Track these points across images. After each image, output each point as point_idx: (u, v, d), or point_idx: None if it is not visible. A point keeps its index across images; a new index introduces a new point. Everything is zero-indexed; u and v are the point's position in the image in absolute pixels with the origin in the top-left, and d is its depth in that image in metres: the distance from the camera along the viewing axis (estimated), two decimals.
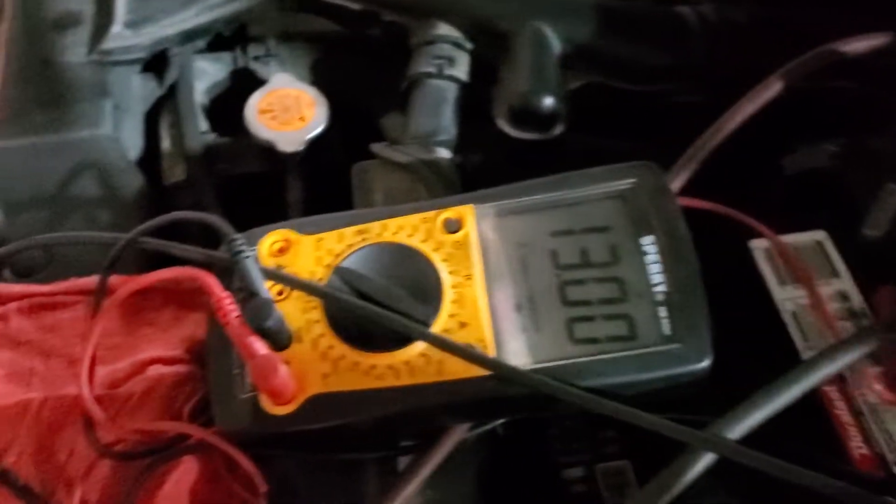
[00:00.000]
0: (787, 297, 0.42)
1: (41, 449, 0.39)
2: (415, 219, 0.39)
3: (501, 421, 0.39)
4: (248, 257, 0.36)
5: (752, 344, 0.41)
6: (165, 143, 0.58)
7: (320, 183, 0.57)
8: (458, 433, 0.38)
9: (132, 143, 0.57)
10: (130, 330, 0.44)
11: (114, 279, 0.42)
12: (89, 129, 0.54)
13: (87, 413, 0.37)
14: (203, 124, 0.60)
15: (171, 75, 0.60)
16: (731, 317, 0.37)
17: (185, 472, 0.39)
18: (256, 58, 0.63)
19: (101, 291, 0.41)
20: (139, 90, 0.59)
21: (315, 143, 0.55)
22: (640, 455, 0.44)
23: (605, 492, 0.43)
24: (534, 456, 0.44)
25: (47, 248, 0.47)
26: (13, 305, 0.44)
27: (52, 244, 0.46)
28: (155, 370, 0.41)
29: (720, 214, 0.42)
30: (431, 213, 0.39)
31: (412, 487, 0.36)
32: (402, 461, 0.38)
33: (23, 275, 0.47)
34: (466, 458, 0.40)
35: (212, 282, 0.35)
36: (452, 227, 0.38)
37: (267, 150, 0.55)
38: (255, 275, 0.35)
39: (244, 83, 0.62)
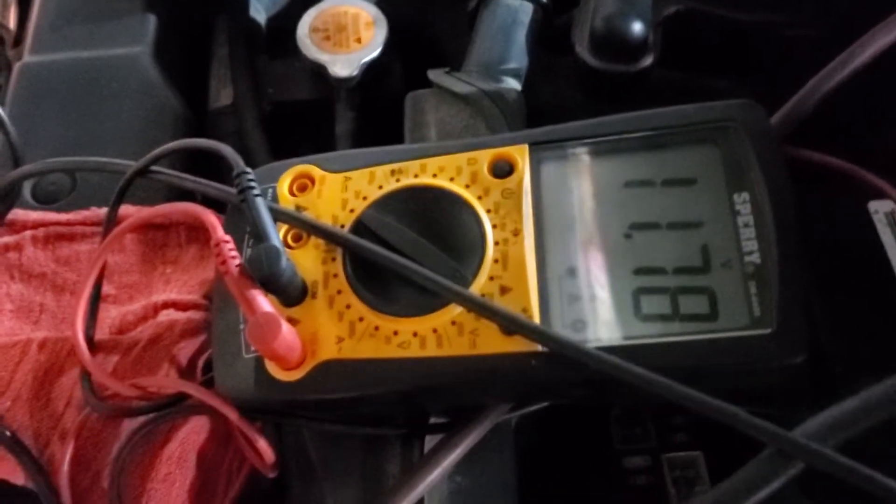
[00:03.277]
0: None
1: (38, 396, 0.35)
2: (460, 159, 0.33)
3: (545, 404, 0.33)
4: (256, 195, 0.30)
5: (868, 326, 0.34)
6: (215, 65, 0.54)
7: (375, 114, 0.51)
8: (498, 412, 0.32)
9: (177, 62, 0.52)
10: (149, 268, 0.40)
11: (128, 210, 0.38)
12: (129, 45, 0.49)
13: (80, 360, 0.33)
14: (258, 45, 0.55)
15: None
16: (843, 293, 0.33)
17: (193, 432, 0.35)
18: None
19: (110, 224, 0.36)
20: (190, 5, 0.55)
21: (371, 69, 0.50)
22: (715, 445, 0.38)
23: (672, 486, 0.37)
24: (590, 440, 0.39)
25: (70, 174, 0.43)
26: (28, 234, 0.40)
27: (69, 169, 0.42)
28: (166, 315, 0.37)
29: (835, 169, 0.35)
30: (479, 153, 0.33)
31: (438, 472, 0.31)
32: (431, 439, 0.33)
33: (44, 201, 0.43)
34: (506, 440, 0.34)
35: (211, 221, 0.30)
36: (502, 170, 0.32)
37: (318, 75, 0.50)
38: (264, 216, 0.30)
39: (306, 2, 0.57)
